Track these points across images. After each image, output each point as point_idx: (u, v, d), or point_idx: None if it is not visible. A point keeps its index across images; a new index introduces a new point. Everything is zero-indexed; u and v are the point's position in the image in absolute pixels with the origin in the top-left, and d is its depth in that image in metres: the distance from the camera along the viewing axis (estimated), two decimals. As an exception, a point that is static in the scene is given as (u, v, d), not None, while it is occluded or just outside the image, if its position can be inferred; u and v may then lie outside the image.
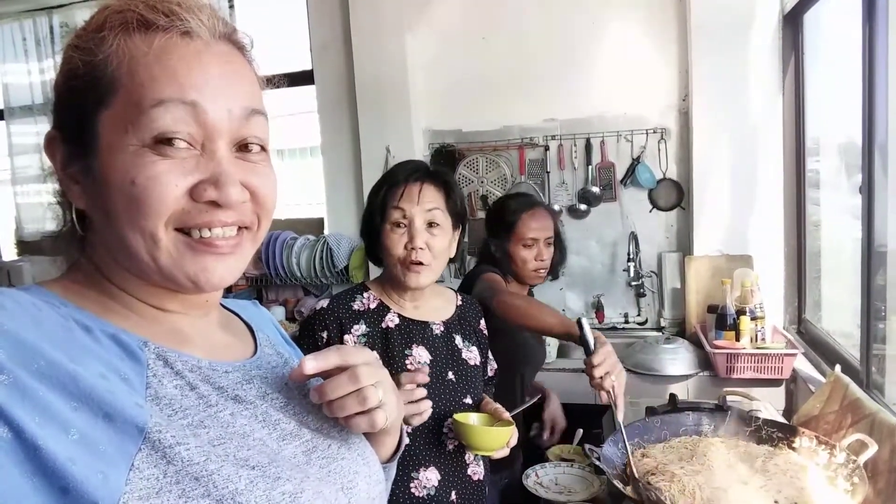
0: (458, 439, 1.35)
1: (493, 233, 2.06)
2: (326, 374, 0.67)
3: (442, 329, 1.47)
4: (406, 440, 0.88)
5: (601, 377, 1.37)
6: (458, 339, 1.49)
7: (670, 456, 1.41)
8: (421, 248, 1.35)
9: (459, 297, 1.57)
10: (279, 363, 0.75)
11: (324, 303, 1.41)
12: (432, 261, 1.37)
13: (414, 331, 1.42)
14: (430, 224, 1.37)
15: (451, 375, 1.43)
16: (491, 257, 2.04)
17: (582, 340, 1.43)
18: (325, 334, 1.36)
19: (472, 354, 1.49)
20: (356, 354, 0.68)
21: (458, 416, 1.34)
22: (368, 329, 1.38)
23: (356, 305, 1.41)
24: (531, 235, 1.98)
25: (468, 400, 1.44)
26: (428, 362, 1.40)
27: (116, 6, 0.59)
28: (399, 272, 1.38)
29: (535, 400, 1.60)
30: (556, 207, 3.18)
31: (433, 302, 1.50)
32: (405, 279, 1.37)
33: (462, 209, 1.45)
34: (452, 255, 1.46)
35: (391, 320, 1.41)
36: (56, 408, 0.48)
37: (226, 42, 0.63)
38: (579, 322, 1.43)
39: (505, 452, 1.36)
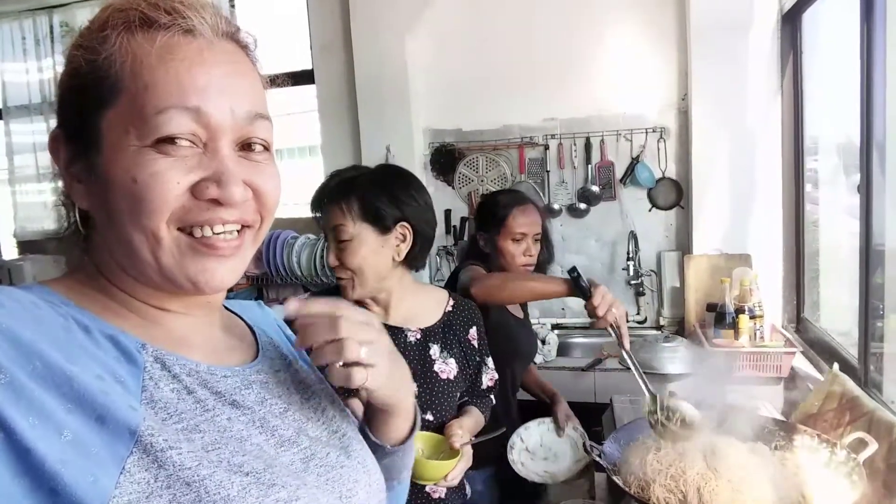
0: None
1: (482, 227, 2.09)
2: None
3: (418, 337, 1.43)
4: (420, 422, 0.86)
5: (604, 313, 1.50)
6: (434, 350, 1.44)
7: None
8: (333, 265, 1.38)
9: (451, 302, 1.53)
10: (281, 367, 0.74)
11: None
12: (351, 275, 1.38)
13: None
14: (340, 241, 1.37)
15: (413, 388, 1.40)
16: (477, 252, 2.07)
17: (578, 287, 1.55)
18: None
19: (446, 367, 1.44)
20: (346, 309, 0.66)
21: None
22: None
23: None
24: (520, 230, 2.00)
25: (429, 416, 1.38)
26: None
27: (119, 4, 0.59)
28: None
29: (498, 433, 1.52)
30: (556, 206, 3.20)
31: (411, 305, 1.47)
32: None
33: (384, 205, 1.37)
34: (400, 257, 1.40)
35: None
36: (50, 409, 0.48)
37: (229, 41, 0.63)
38: (574, 272, 1.56)
39: (447, 484, 1.34)
